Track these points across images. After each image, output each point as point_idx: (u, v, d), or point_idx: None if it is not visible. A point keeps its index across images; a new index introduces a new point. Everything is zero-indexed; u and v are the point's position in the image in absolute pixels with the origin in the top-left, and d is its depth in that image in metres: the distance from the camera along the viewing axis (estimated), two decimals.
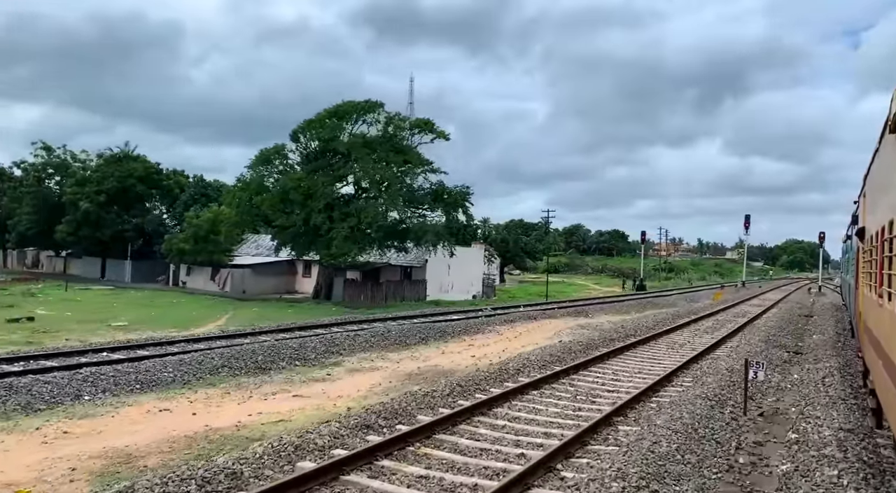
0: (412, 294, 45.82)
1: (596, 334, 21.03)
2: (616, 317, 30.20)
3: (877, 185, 8.23)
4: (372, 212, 37.21)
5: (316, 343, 16.43)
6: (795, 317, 30.86)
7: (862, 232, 10.52)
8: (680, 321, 26.53)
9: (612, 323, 26.06)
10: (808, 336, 22.66)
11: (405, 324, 22.40)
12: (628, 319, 28.46)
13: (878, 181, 8.09)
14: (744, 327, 24.61)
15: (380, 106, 39.31)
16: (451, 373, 14.40)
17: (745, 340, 20.17)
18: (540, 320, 26.38)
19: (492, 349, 18.22)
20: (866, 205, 10.29)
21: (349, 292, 43.76)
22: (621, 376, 13.61)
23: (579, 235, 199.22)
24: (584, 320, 28.10)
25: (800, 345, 20.21)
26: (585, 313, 31.61)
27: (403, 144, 41.12)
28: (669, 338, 20.77)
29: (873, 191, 8.82)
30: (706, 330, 23.72)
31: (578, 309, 32.91)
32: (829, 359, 16.53)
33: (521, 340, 20.44)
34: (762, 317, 30.42)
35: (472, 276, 51.87)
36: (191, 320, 30.09)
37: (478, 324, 23.74)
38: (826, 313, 34.12)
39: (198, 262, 47.69)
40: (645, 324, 25.03)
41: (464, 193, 43.08)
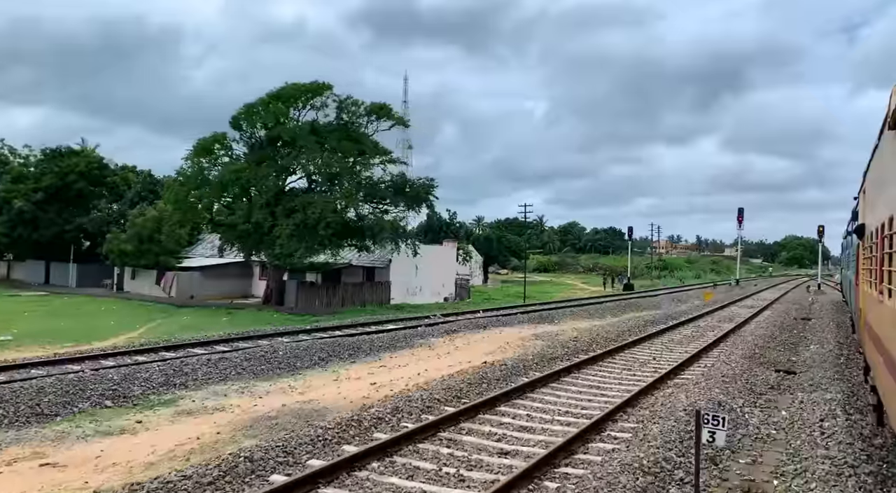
0: (374, 298, 41.92)
1: (544, 349, 17.21)
2: (585, 323, 26.36)
3: (876, 181, 8.16)
4: (319, 207, 33.31)
5: (156, 372, 12.55)
6: (791, 321, 27.04)
7: (862, 229, 10.42)
8: (655, 328, 22.73)
9: (577, 331, 22.25)
10: (804, 348, 18.83)
11: (315, 339, 18.49)
12: (598, 325, 24.63)
13: (877, 178, 8.00)
14: (728, 336, 20.79)
15: (328, 88, 35.33)
16: (324, 414, 10.60)
17: (725, 355, 16.34)
18: (490, 329, 22.54)
19: (405, 373, 14.38)
20: (866, 201, 10.23)
21: (303, 296, 39.84)
22: (533, 424, 9.72)
23: (574, 233, 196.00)
24: (546, 327, 24.25)
25: (793, 361, 16.38)
26: (552, 318, 27.76)
27: (360, 131, 37.22)
28: (632, 353, 16.94)
29: (873, 187, 8.76)
30: (682, 341, 19.88)
31: (546, 314, 29.08)
32: (829, 384, 12.69)
33: (450, 358, 16.60)
34: (752, 321, 26.60)
35: (444, 277, 47.98)
36: (98, 333, 26.23)
37: (412, 336, 19.89)
38: (826, 315, 30.29)
39: (142, 264, 43.81)
40: (612, 333, 21.24)
41: (427, 186, 39.17)
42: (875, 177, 8.42)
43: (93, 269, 49.64)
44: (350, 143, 36.03)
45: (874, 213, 8.43)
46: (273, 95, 34.82)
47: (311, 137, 34.80)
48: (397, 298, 42.91)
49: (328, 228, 33.74)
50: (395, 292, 43.13)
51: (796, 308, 34.62)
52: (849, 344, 19.57)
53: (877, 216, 7.92)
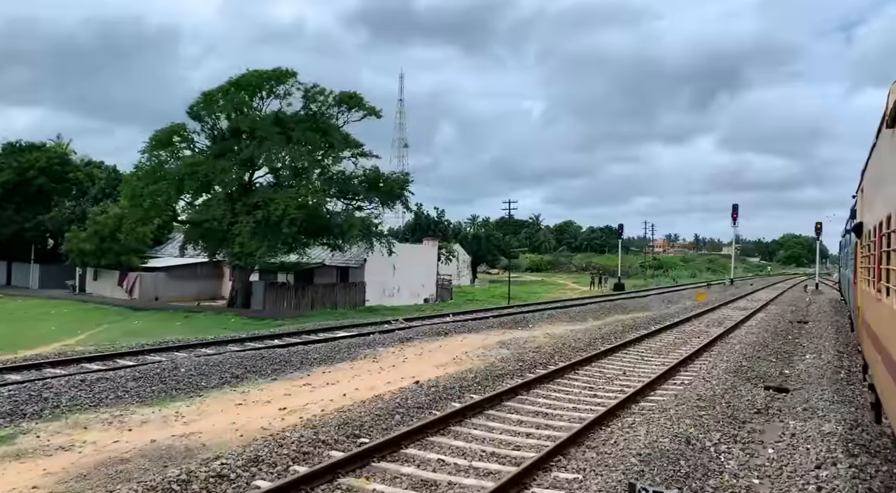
0: (348, 299, 39.70)
1: (501, 361, 15.00)
2: (562, 328, 24.14)
3: (874, 180, 8.16)
4: (282, 203, 31.07)
5: (2, 399, 10.28)
6: (786, 325, 24.85)
7: (860, 227, 10.47)
8: (635, 334, 20.53)
9: (549, 338, 20.04)
10: (798, 358, 16.63)
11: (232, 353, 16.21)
12: (574, 330, 22.41)
13: (875, 176, 8.04)
14: (714, 343, 18.59)
15: (291, 75, 33.05)
16: (194, 455, 8.37)
17: (708, 368, 14.13)
18: (452, 337, 20.30)
19: (329, 394, 12.17)
20: (864, 200, 10.24)
21: (270, 298, 37.64)
22: None
23: (570, 232, 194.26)
24: (516, 333, 22.03)
25: (786, 375, 14.18)
26: (526, 322, 25.55)
27: (329, 122, 34.97)
28: (601, 366, 14.72)
29: (871, 186, 8.83)
30: (661, 349, 17.67)
31: (522, 317, 26.86)
32: (828, 409, 10.49)
33: (390, 373, 14.38)
34: (744, 325, 24.42)
35: (425, 277, 45.80)
36: (28, 341, 24.03)
37: (358, 346, 17.64)
38: (824, 318, 28.12)
39: (103, 265, 41.54)
40: (587, 339, 19.04)
41: (402, 181, 36.96)
42: (873, 175, 8.39)
43: (56, 269, 47.38)
44: (317, 134, 33.80)
45: (872, 211, 8.43)
46: (233, 82, 32.57)
47: (275, 128, 32.56)
48: (373, 299, 40.72)
49: (292, 225, 31.50)
50: (370, 294, 40.93)
51: (792, 310, 32.44)
52: (850, 352, 17.38)
53: (875, 215, 7.89)
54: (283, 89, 33.26)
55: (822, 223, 51.18)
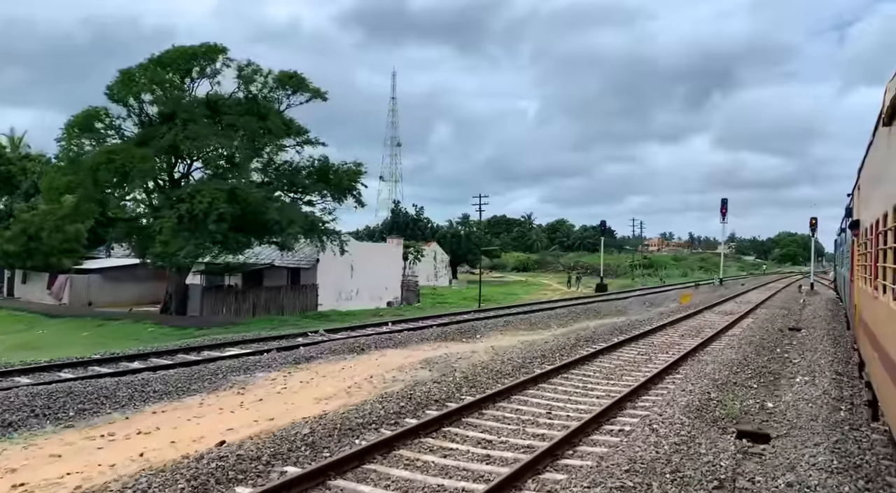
0: (298, 303, 36.10)
1: (411, 388, 11.47)
2: (512, 339, 20.61)
3: (871, 177, 8.26)
4: (209, 195, 27.46)
5: None
6: (775, 334, 21.35)
7: (856, 225, 10.49)
8: (592, 348, 17.02)
9: (488, 354, 16.54)
10: (787, 382, 13.13)
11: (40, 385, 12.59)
12: (525, 343, 18.88)
13: (871, 174, 8.10)
14: (684, 361, 15.07)
15: (221, 51, 29.40)
16: None
17: (663, 402, 10.60)
18: (369, 353, 16.72)
19: (112, 456, 8.61)
20: (860, 198, 10.27)
21: (208, 303, 34.04)
22: None
23: (563, 231, 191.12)
24: (456, 346, 18.49)
25: (768, 409, 10.68)
26: (476, 332, 22.01)
27: (270, 106, 31.38)
28: (524, 400, 11.14)
29: (867, 184, 8.86)
30: (614, 371, 14.11)
31: (473, 325, 23.28)
32: (825, 479, 6.95)
33: (249, 412, 10.86)
34: (726, 334, 20.92)
35: (388, 278, 42.20)
36: None
37: (232, 370, 14.02)
38: (819, 324, 24.64)
39: (30, 267, 37.91)
40: (532, 355, 15.56)
41: (354, 172, 33.35)
42: (869, 173, 8.45)
43: None
44: (254, 119, 30.19)
45: (869, 209, 8.49)
46: (154, 59, 28.87)
47: (203, 112, 28.94)
48: (327, 303, 37.12)
49: (221, 221, 27.87)
50: (323, 297, 37.34)
51: (784, 314, 28.95)
52: (851, 373, 13.88)
53: (871, 212, 7.94)
54: (212, 69, 29.60)
55: (817, 219, 47.72)
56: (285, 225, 29.35)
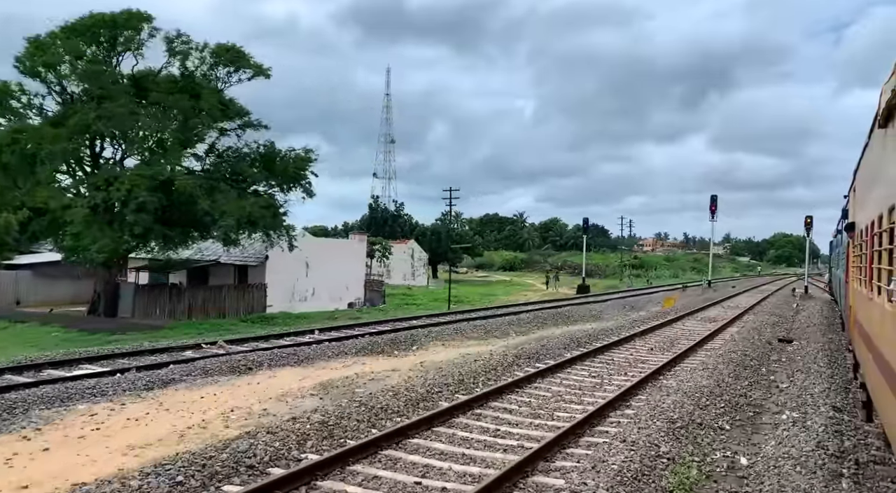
0: (244, 304, 32.87)
1: (274, 429, 8.34)
2: (458, 351, 17.48)
3: (866, 179, 8.27)
4: (128, 182, 24.26)
5: None
6: (761, 347, 18.27)
7: (852, 226, 10.45)
8: (540, 365, 13.92)
9: (414, 372, 13.44)
10: (770, 421, 10.04)
11: None
12: (465, 357, 15.76)
13: (867, 175, 8.12)
14: (643, 387, 11.96)
15: (145, 20, 26.09)
16: None
17: (595, 459, 7.46)
18: (255, 374, 13.53)
19: None
20: (856, 199, 10.36)
21: (141, 303, 30.82)
22: None
23: (556, 230, 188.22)
24: (375, 364, 15.34)
25: (739, 470, 7.54)
26: (413, 342, 18.86)
27: (206, 84, 28.14)
28: (410, 450, 7.98)
29: (863, 185, 8.89)
30: (555, 400, 10.96)
31: (411, 335, 20.12)
32: None
33: (9, 472, 7.66)
34: (703, 348, 17.82)
35: (350, 278, 38.96)
36: None
37: (52, 399, 10.84)
38: (814, 334, 21.60)
39: None
40: (464, 375, 12.50)
41: (302, 159, 30.13)
42: (865, 175, 8.46)
43: None
44: (186, 98, 26.96)
45: (864, 210, 8.46)
46: (67, 27, 25.53)
47: (124, 88, 25.69)
48: (277, 304, 33.93)
49: (142, 211, 24.63)
50: (274, 297, 34.13)
51: (774, 322, 25.88)
52: (853, 407, 10.80)
53: (867, 214, 7.94)
54: (137, 41, 26.27)
55: (813, 217, 44.70)
56: (217, 217, 26.10)
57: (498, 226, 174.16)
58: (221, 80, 29.67)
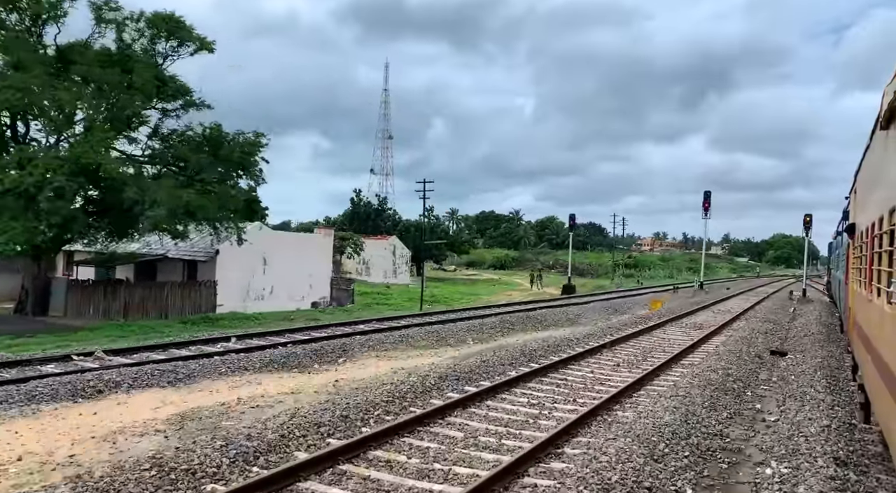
0: (192, 303, 30.11)
1: None
2: (390, 364, 14.80)
3: (867, 181, 8.25)
4: (43, 165, 21.51)
5: None
6: (749, 362, 15.55)
7: (852, 228, 10.55)
8: (470, 389, 11.20)
9: (313, 398, 10.76)
10: (750, 476, 7.28)
11: None
12: (396, 374, 13.07)
13: (868, 177, 8.13)
14: (589, 422, 9.24)
15: None
16: None
17: None
18: (100, 399, 10.75)
19: None
20: (857, 201, 10.35)
21: (74, 300, 28.10)
22: None
23: (552, 228, 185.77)
24: (278, 383, 12.64)
25: None
26: (342, 355, 16.13)
27: (141, 58, 25.34)
28: None
29: (864, 187, 8.91)
30: (464, 444, 8.23)
31: (343, 343, 17.39)
32: None
33: None
34: (680, 363, 15.11)
35: (314, 275, 36.19)
36: None
37: None
38: (812, 345, 18.89)
39: None
40: (372, 403, 9.78)
41: (251, 144, 27.36)
42: (866, 176, 8.48)
43: None
44: (116, 72, 24.19)
45: (865, 212, 8.51)
46: None
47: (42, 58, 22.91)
48: (230, 303, 31.18)
49: (58, 198, 21.88)
50: (226, 296, 31.38)
51: (767, 330, 23.17)
52: (861, 458, 8.07)
53: (867, 216, 7.97)
54: (59, 10, 23.44)
55: (812, 216, 41.97)
56: (148, 206, 23.33)
57: (494, 223, 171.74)
58: (163, 55, 26.91)
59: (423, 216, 52.39)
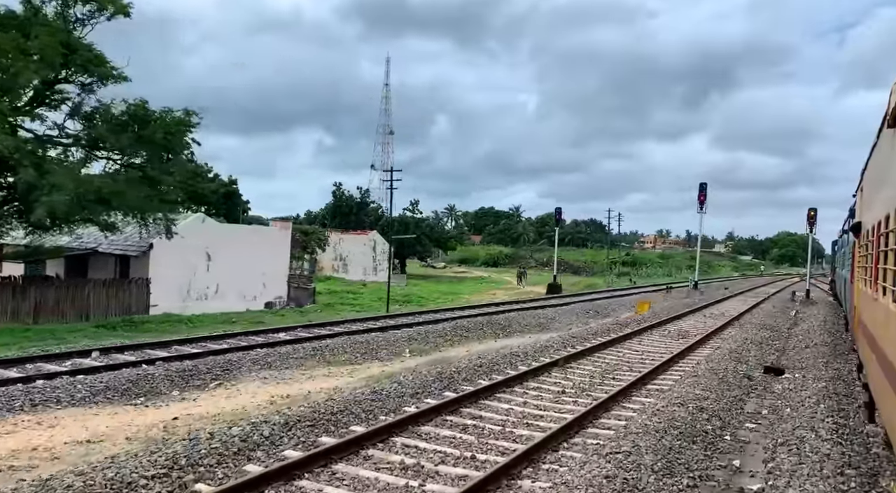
0: (121, 304, 26.90)
1: None
2: (270, 392, 11.64)
3: (874, 179, 8.18)
4: None
5: None
6: (735, 387, 12.31)
7: (858, 227, 10.49)
8: (330, 440, 7.96)
9: (118, 448, 7.54)
10: None
11: None
12: (272, 403, 9.94)
13: (875, 176, 8.07)
14: None
15: None
16: None
17: None
18: None
19: None
20: (863, 200, 10.28)
21: None
22: None
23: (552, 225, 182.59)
24: (89, 421, 9.42)
25: None
26: (210, 375, 12.90)
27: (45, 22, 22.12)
28: None
29: (871, 185, 8.85)
30: None
31: (227, 360, 14.18)
32: None
33: None
34: (647, 387, 11.84)
35: (269, 273, 32.94)
36: None
37: None
38: (815, 360, 15.61)
39: None
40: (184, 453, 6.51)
41: (181, 123, 24.08)
42: (873, 175, 8.41)
43: None
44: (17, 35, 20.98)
45: (871, 211, 8.44)
46: None
47: None
48: (167, 303, 27.98)
49: None
50: (163, 295, 28.18)
51: (763, 339, 19.86)
52: None
53: (874, 214, 7.94)
54: None
55: (817, 210, 38.52)
56: (47, 192, 20.10)
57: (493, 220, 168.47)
58: (81, 22, 23.67)
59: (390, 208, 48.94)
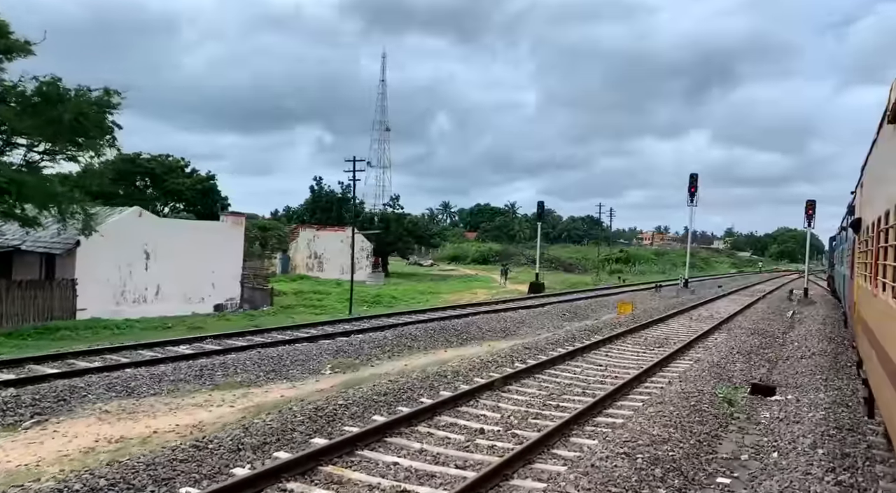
0: (35, 309, 24.05)
1: None
2: (114, 429, 8.89)
3: (874, 175, 8.20)
4: None
5: None
6: (711, 417, 9.55)
7: (858, 223, 10.50)
8: None
9: None
10: None
11: None
12: (111, 446, 7.10)
13: (875, 172, 8.09)
14: None
15: None
16: None
17: None
18: None
19: None
20: (863, 196, 10.28)
21: None
22: None
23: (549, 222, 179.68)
24: None
25: None
26: (50, 404, 10.16)
27: None
28: None
29: (871, 181, 8.85)
30: None
31: (63, 388, 11.49)
32: None
33: None
34: (597, 419, 9.07)
35: (219, 272, 30.12)
36: None
37: None
38: (813, 373, 12.96)
39: None
40: None
41: (92, 104, 21.32)
42: (873, 171, 8.42)
43: None
44: None
45: (871, 207, 8.47)
46: None
47: None
48: (97, 307, 25.14)
49: None
50: (91, 298, 25.33)
51: (754, 347, 17.11)
52: None
53: (874, 210, 7.98)
54: None
55: (815, 202, 35.77)
56: None
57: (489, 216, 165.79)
58: None
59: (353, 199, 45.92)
